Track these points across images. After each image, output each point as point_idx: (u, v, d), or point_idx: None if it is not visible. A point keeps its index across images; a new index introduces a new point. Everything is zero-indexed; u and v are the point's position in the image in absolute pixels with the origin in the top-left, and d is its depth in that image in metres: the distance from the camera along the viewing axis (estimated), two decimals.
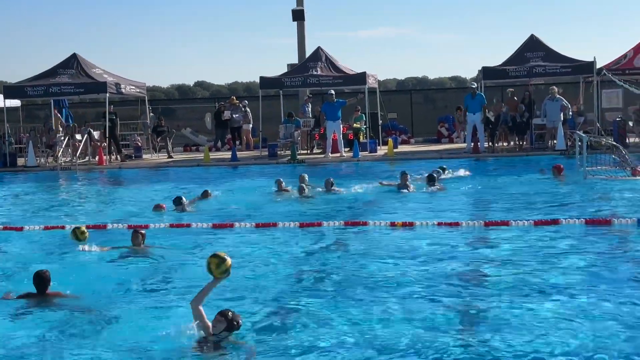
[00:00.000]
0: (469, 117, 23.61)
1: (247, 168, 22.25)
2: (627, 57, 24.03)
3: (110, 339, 6.57)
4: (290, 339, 6.41)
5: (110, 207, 15.29)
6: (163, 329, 6.59)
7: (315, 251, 10.02)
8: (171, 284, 8.39)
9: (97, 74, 25.45)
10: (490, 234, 10.62)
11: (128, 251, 10.05)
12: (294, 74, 25.95)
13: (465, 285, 7.86)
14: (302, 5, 29.15)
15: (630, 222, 10.67)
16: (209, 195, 15.37)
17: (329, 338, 6.36)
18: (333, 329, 6.61)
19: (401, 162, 21.57)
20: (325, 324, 6.74)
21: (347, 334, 6.43)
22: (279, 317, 7.03)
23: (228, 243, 10.58)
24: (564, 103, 23.00)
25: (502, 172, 17.95)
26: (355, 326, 6.63)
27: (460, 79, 64.27)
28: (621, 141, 21.75)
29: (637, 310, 6.75)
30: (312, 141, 26.47)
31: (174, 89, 72.82)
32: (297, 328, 6.68)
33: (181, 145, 29.80)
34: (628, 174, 15.47)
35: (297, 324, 6.78)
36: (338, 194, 15.17)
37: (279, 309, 7.26)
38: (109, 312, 7.29)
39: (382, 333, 6.41)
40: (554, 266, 8.50)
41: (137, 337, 6.58)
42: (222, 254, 6.42)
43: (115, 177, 21.85)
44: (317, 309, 7.19)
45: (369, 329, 6.53)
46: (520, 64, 24.27)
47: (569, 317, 6.61)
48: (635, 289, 7.42)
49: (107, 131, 24.84)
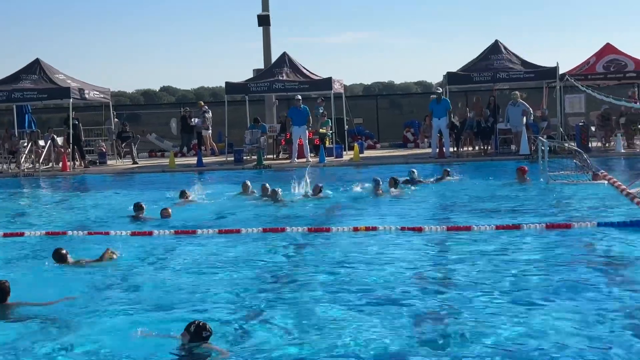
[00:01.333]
0: (434, 122, 23.75)
1: (213, 173, 22.15)
2: (590, 63, 24.36)
3: (73, 348, 6.48)
4: (258, 344, 6.40)
5: (71, 214, 15.14)
6: (129, 337, 6.55)
7: (279, 256, 10.00)
8: (136, 293, 8.28)
9: (61, 79, 25.22)
10: (452, 238, 10.66)
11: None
12: (259, 79, 25.90)
13: (425, 289, 7.87)
14: (267, 11, 29.12)
15: (590, 225, 10.77)
16: (187, 195, 15.37)
17: (296, 343, 6.36)
18: (299, 333, 6.62)
19: (367, 167, 21.65)
20: (290, 328, 6.75)
21: (312, 337, 6.45)
22: (246, 323, 7.01)
23: (192, 249, 10.54)
24: (525, 108, 23.23)
25: (467, 176, 18.04)
26: (322, 330, 6.65)
27: (426, 83, 64.71)
28: (584, 146, 22.06)
29: (594, 312, 6.81)
30: (279, 147, 26.45)
31: (139, 94, 72.30)
32: (265, 332, 6.70)
33: (146, 151, 29.59)
34: (589, 179, 15.65)
35: (264, 329, 6.79)
36: (324, 199, 15.09)
37: (246, 315, 7.24)
38: (72, 321, 7.19)
39: (346, 339, 6.41)
40: (514, 270, 8.55)
41: (101, 345, 6.50)
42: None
43: (79, 183, 21.62)
44: (283, 314, 7.18)
45: (334, 333, 6.53)
46: (484, 69, 24.45)
47: (527, 319, 6.67)
48: (594, 292, 7.48)
49: (70, 137, 24.60)
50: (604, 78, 24.37)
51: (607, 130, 24.36)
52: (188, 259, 9.96)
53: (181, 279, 8.79)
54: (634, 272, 8.35)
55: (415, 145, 28.48)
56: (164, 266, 9.62)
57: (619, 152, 22.52)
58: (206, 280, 8.71)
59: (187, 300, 7.82)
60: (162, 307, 7.56)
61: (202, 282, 8.64)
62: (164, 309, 7.52)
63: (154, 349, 6.26)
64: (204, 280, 8.71)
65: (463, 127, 24.64)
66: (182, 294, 8.09)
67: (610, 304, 7.04)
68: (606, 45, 24.65)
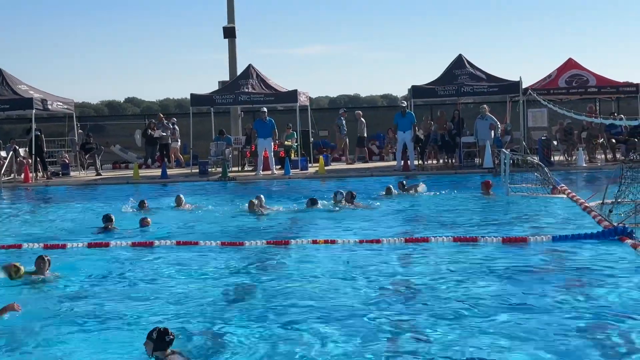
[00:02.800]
0: (399, 135, 23.90)
1: (178, 185, 22.00)
2: (552, 76, 24.68)
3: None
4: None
5: (31, 226, 14.94)
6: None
7: (239, 270, 9.96)
8: (91, 306, 8.18)
9: (23, 90, 24.95)
10: (410, 250, 10.70)
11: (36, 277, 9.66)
12: (225, 92, 25.87)
13: (385, 301, 7.90)
14: (233, 23, 29.13)
15: (545, 239, 10.86)
16: (145, 206, 15.82)
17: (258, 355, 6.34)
18: (260, 346, 6.60)
19: (332, 180, 21.68)
20: (253, 342, 6.72)
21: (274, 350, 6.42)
22: (208, 335, 6.98)
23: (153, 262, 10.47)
24: (492, 122, 23.48)
25: (431, 189, 18.12)
26: (285, 342, 6.65)
27: (392, 97, 65.11)
28: (546, 159, 22.33)
29: (551, 325, 6.86)
30: (244, 159, 26.40)
31: (103, 105, 71.81)
32: (229, 346, 6.66)
33: (110, 162, 29.37)
34: (548, 192, 15.84)
35: (228, 343, 6.76)
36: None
37: (208, 328, 7.20)
38: (19, 338, 7.09)
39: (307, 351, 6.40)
40: (470, 282, 8.61)
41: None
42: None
43: (41, 195, 21.38)
44: (245, 327, 7.14)
45: (296, 346, 6.53)
46: (448, 83, 24.67)
47: (483, 332, 6.70)
48: (548, 304, 7.54)
49: (32, 148, 24.34)
50: (567, 93, 24.72)
51: (569, 144, 24.68)
52: (148, 270, 9.90)
53: (140, 291, 8.73)
54: (588, 284, 8.43)
55: (380, 158, 28.60)
56: (121, 279, 9.53)
57: (581, 165, 22.81)
58: (164, 292, 8.65)
59: (146, 311, 7.75)
60: (122, 318, 7.49)
61: (160, 293, 8.58)
62: (123, 320, 7.45)
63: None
64: (162, 292, 8.65)
65: (427, 140, 24.80)
66: (140, 305, 8.03)
67: (566, 316, 7.10)
68: (568, 60, 25.01)
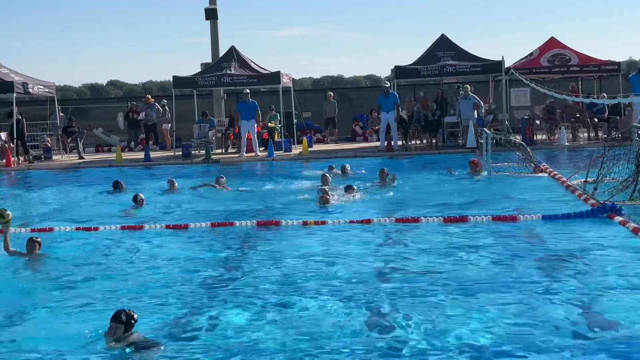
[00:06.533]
0: (382, 115, 23.92)
1: (160, 168, 21.95)
2: (533, 55, 24.75)
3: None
4: (199, 340, 6.36)
5: (14, 210, 14.84)
6: (65, 338, 6.46)
7: (228, 251, 9.97)
8: (73, 291, 8.16)
9: (4, 73, 24.70)
10: (402, 230, 10.74)
11: (25, 259, 9.66)
12: (207, 74, 25.74)
13: (375, 283, 7.91)
14: (215, 4, 28.96)
15: (535, 217, 10.93)
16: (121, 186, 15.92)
17: (240, 339, 6.33)
18: (243, 330, 6.57)
19: (316, 161, 21.68)
20: (236, 325, 6.71)
21: (258, 334, 6.42)
22: (188, 319, 6.95)
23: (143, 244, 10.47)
24: (476, 101, 23.54)
25: (415, 169, 18.18)
26: (268, 326, 6.61)
27: (375, 77, 65.09)
28: (529, 139, 22.42)
29: (540, 303, 6.90)
30: (227, 141, 26.34)
31: (86, 89, 71.32)
32: (207, 330, 6.63)
33: (93, 145, 29.21)
34: (530, 171, 15.92)
35: (207, 326, 6.73)
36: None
37: (189, 311, 7.16)
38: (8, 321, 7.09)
39: (294, 334, 6.40)
40: (461, 262, 8.65)
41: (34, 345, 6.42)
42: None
43: (23, 178, 21.27)
44: (228, 310, 7.13)
45: (281, 330, 6.51)
46: (431, 63, 24.67)
47: (476, 312, 6.71)
48: (538, 284, 7.58)
49: (14, 132, 24.18)
50: (549, 72, 24.82)
51: (551, 123, 24.77)
52: (133, 254, 9.91)
53: (127, 273, 8.74)
54: (580, 262, 8.46)
55: (364, 139, 28.63)
56: (103, 260, 9.54)
57: (563, 144, 22.92)
58: (144, 276, 8.65)
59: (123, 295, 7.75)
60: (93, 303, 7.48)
61: (141, 277, 8.59)
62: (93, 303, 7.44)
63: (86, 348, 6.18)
64: (143, 276, 8.65)
65: (411, 120, 24.83)
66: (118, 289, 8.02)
67: (555, 296, 7.11)
68: (550, 39, 25.09)
